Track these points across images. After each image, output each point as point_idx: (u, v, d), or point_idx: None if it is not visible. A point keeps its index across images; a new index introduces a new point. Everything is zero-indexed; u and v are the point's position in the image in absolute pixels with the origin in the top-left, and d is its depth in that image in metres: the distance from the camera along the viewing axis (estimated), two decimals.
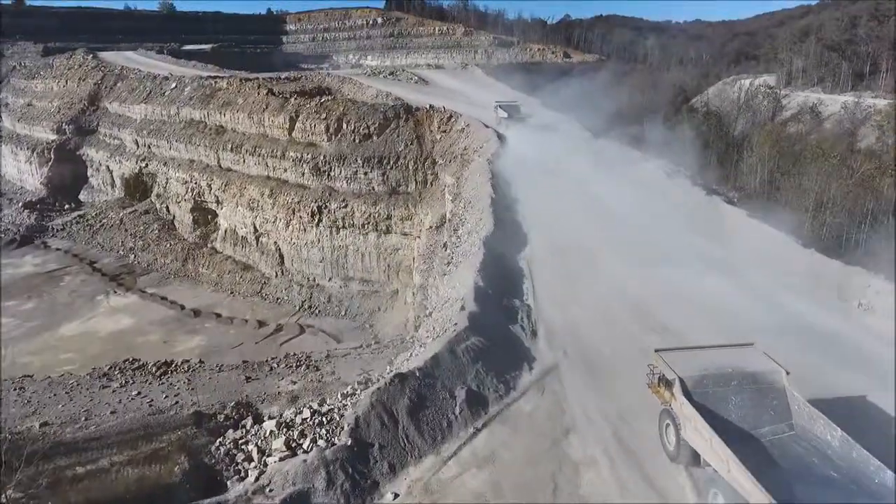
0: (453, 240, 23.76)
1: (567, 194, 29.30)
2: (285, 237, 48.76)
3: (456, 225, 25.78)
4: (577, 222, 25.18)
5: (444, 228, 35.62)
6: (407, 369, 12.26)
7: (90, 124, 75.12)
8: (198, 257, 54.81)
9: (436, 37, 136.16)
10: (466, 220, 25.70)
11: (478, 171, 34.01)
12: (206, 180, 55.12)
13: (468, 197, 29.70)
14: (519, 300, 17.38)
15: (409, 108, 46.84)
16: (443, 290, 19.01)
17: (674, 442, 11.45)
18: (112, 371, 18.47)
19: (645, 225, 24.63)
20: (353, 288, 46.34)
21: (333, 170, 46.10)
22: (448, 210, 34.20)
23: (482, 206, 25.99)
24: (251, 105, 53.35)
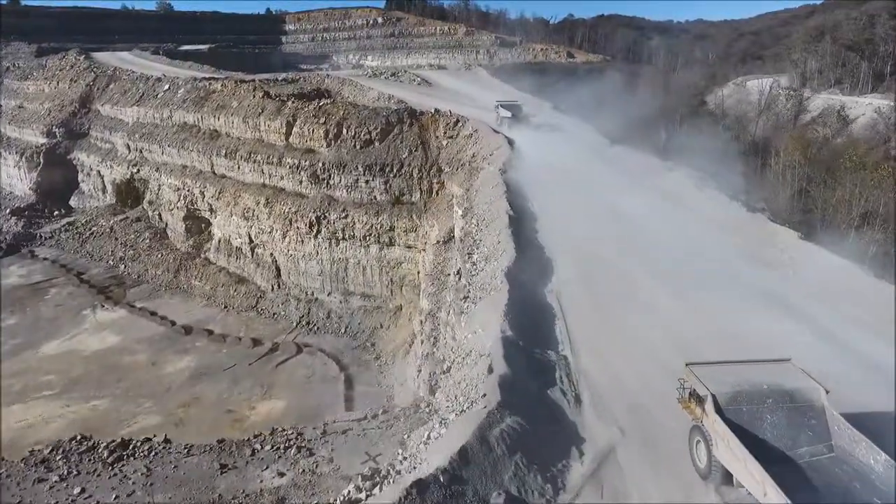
0: (468, 266, 20.64)
1: (591, 209, 26.24)
2: (282, 249, 45.66)
3: (469, 247, 22.66)
4: (606, 244, 22.13)
5: (452, 245, 32.61)
6: (426, 471, 9.21)
7: (81, 127, 72.00)
8: (190, 268, 51.69)
9: (437, 37, 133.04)
10: (481, 242, 22.61)
11: (490, 181, 30.92)
12: (199, 187, 51.99)
13: (481, 213, 26.60)
14: (554, 351, 14.31)
15: (414, 112, 43.71)
16: (461, 332, 15.95)
17: (705, 460, 10.89)
18: (54, 455, 15.07)
19: (684, 248, 21.54)
20: (353, 303, 43.25)
21: (333, 178, 42.98)
22: (458, 226, 31.06)
23: (499, 226, 22.90)
24: (246, 108, 50.21)
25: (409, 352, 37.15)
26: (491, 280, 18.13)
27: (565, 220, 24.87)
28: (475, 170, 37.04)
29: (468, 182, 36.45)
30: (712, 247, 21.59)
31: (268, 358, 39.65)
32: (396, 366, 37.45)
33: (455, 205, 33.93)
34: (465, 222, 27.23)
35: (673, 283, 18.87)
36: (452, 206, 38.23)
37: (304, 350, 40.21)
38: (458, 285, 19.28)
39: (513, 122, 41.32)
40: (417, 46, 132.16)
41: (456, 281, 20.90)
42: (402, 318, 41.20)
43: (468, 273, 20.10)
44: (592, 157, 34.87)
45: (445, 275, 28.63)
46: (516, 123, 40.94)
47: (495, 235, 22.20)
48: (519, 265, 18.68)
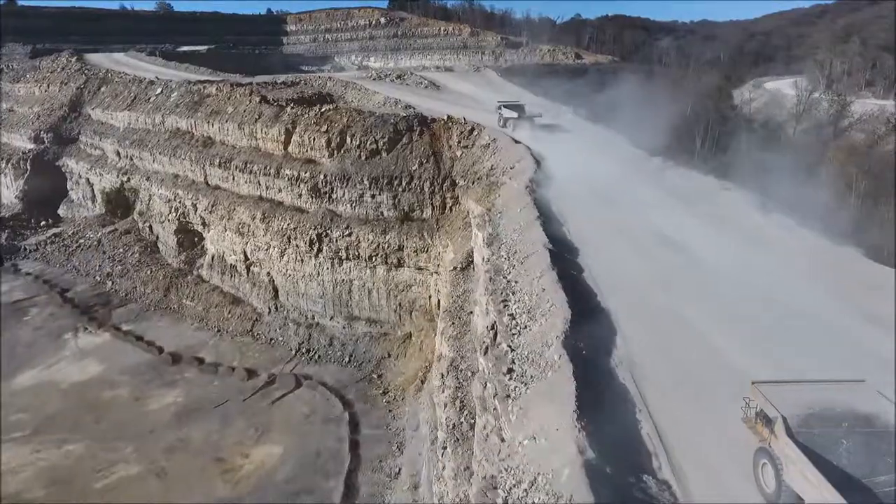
0: (505, 320, 16.31)
1: (642, 240, 21.95)
2: (279, 268, 41.32)
3: (503, 292, 18.30)
4: (672, 290, 17.82)
5: (471, 272, 28.28)
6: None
7: (71, 132, 67.74)
8: (181, 287, 47.35)
9: (441, 37, 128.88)
10: (517, 285, 18.25)
11: (516, 202, 26.57)
12: (192, 199, 47.65)
13: (510, 242, 22.24)
14: (651, 477, 10.03)
15: (424, 118, 39.35)
16: (511, 432, 11.65)
17: (773, 485, 10.12)
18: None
19: (767, 295, 17.22)
20: (358, 329, 38.91)
21: (336, 191, 38.65)
22: (480, 253, 26.71)
23: (538, 265, 18.55)
24: (242, 114, 45.84)
25: (422, 389, 32.83)
26: (542, 349, 13.81)
27: (615, 256, 20.55)
28: (495, 185, 32.73)
29: (488, 198, 32.10)
30: (802, 294, 17.22)
31: (263, 392, 35.33)
32: (407, 404, 33.14)
33: (474, 226, 29.57)
34: (490, 252, 22.85)
35: (768, 347, 14.56)
36: (469, 225, 33.97)
37: (304, 383, 35.88)
38: (498, 351, 14.97)
39: (518, 122, 38.63)
40: (421, 47, 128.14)
41: (488, 337, 16.64)
42: (411, 347, 36.89)
43: (507, 331, 15.76)
44: (630, 173, 30.50)
45: (467, 313, 24.29)
46: (522, 125, 38.36)
47: (535, 278, 17.85)
48: (577, 328, 14.33)
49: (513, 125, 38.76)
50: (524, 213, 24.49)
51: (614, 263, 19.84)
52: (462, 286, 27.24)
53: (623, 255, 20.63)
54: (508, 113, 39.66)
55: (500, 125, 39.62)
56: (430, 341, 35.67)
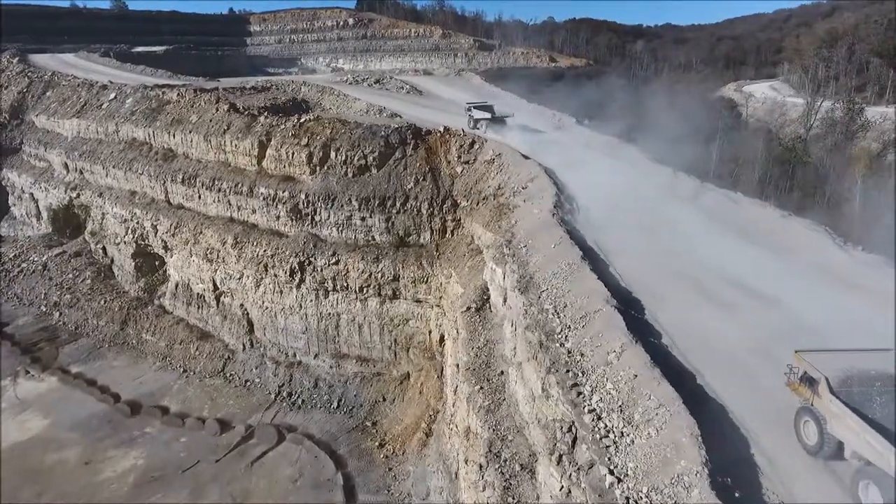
0: (587, 421, 11.89)
1: (714, 287, 17.87)
2: (255, 299, 35.99)
3: (569, 372, 13.84)
4: (764, 350, 13.74)
5: (491, 314, 23.83)
6: None
7: (12, 141, 60.50)
8: (141, 319, 41.40)
9: (412, 39, 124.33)
10: (591, 366, 13.78)
11: (545, 233, 22.23)
12: (151, 219, 41.72)
13: (557, 291, 17.79)
14: None
15: (418, 130, 34.63)
16: None
17: (815, 438, 11.36)
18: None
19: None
20: (347, 369, 33.94)
21: (319, 213, 33.61)
22: (500, 294, 22.33)
23: (613, 336, 14.19)
24: (208, 124, 40.18)
25: (427, 443, 28.19)
26: (675, 488, 9.43)
27: (692, 313, 16.39)
28: (505, 206, 28.34)
29: (498, 223, 27.70)
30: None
31: (240, 450, 30.05)
32: (410, 461, 28.40)
33: (489, 258, 25.11)
34: (525, 300, 18.40)
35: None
36: (475, 252, 29.52)
37: (287, 436, 30.73)
38: (590, 473, 10.57)
39: (490, 124, 37.21)
40: (392, 49, 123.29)
41: (563, 440, 12.23)
42: (410, 389, 32.17)
43: (594, 439, 11.34)
44: (662, 194, 26.55)
45: (497, 373, 19.78)
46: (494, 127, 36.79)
47: (612, 354, 13.49)
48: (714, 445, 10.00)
49: (484, 126, 37.10)
50: (562, 250, 20.11)
51: (697, 325, 15.64)
52: (482, 334, 22.72)
53: (701, 311, 16.45)
54: (480, 114, 38.08)
55: (470, 127, 37.59)
56: (431, 383, 31.09)
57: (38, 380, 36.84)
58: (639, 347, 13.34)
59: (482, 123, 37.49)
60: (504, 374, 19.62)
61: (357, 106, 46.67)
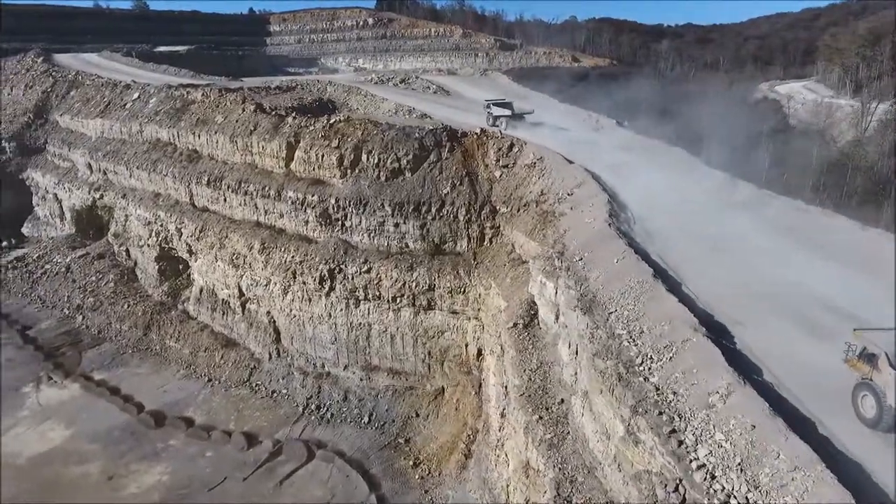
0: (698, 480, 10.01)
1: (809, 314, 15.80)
2: (282, 307, 34.46)
3: (662, 414, 11.97)
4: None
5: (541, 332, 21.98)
6: None
7: (36, 141, 59.71)
8: (164, 324, 40.10)
9: (432, 39, 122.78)
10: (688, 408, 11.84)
11: (604, 245, 20.33)
12: (175, 222, 40.40)
13: (629, 314, 15.91)
14: None
15: (454, 132, 32.83)
16: None
17: (873, 411, 11.64)
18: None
19: None
20: (378, 382, 32.26)
21: (350, 218, 31.96)
22: (551, 310, 20.49)
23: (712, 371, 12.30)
24: (234, 124, 38.74)
25: (467, 466, 26.41)
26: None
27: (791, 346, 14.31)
28: (550, 214, 26.49)
29: (543, 232, 25.89)
30: None
31: (268, 468, 28.49)
32: (447, 484, 26.63)
33: (536, 270, 23.18)
34: (590, 322, 16.54)
35: None
36: (517, 262, 27.69)
37: (317, 453, 29.11)
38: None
39: (511, 121, 36.47)
40: (411, 49, 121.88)
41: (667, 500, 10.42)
42: (445, 405, 30.41)
43: None
44: (724, 203, 24.44)
45: (558, 402, 17.95)
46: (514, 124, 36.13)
47: (714, 396, 11.59)
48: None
49: (504, 123, 36.26)
50: (627, 266, 18.19)
51: (799, 359, 13.59)
52: (534, 354, 20.87)
53: (800, 342, 14.40)
54: (499, 111, 37.31)
55: (489, 124, 36.75)
56: (468, 400, 29.30)
57: (60, 386, 35.65)
58: (749, 389, 11.41)
59: (502, 121, 36.67)
60: (565, 403, 17.77)
61: (385, 106, 44.98)
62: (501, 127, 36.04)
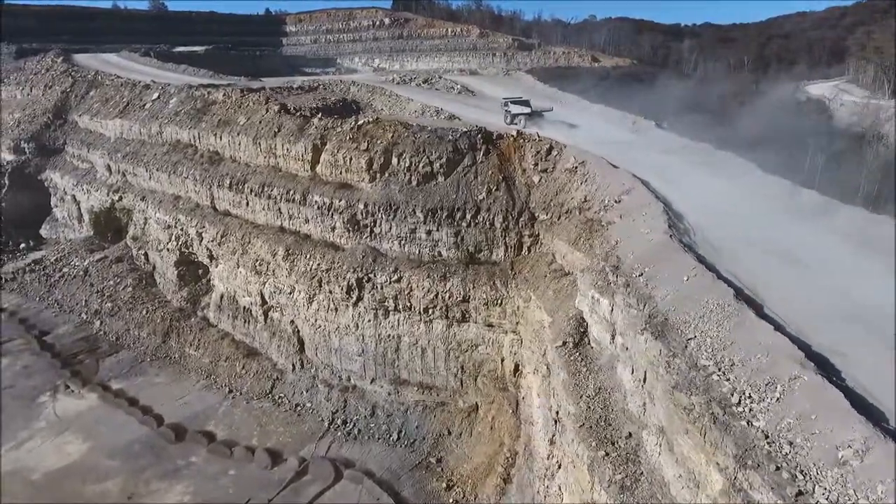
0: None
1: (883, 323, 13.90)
2: (307, 316, 32.86)
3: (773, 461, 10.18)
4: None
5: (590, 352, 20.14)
6: None
7: (55, 142, 58.75)
8: (183, 331, 38.72)
9: (448, 38, 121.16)
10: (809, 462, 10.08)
11: (667, 259, 18.48)
12: (196, 226, 38.98)
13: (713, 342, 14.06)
14: None
15: (489, 135, 31.01)
16: None
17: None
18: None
19: None
20: (407, 397, 30.55)
21: (379, 224, 30.28)
22: (606, 329, 18.67)
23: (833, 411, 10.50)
24: (257, 126, 37.24)
25: (506, 491, 24.61)
26: None
27: None
28: (596, 222, 24.65)
29: (588, 241, 24.06)
30: None
31: (294, 488, 26.88)
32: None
33: (587, 284, 21.29)
34: (665, 350, 14.72)
35: None
36: (559, 273, 25.84)
37: (345, 474, 27.44)
38: None
39: (529, 119, 36.17)
40: (428, 49, 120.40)
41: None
42: (479, 423, 28.62)
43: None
44: (787, 213, 22.47)
45: (625, 436, 16.10)
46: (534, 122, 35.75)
47: (849, 452, 9.70)
48: None
49: (523, 121, 36.10)
50: (700, 285, 16.30)
51: None
52: (589, 378, 19.00)
53: None
54: (517, 108, 37.15)
55: (507, 122, 36.82)
56: (504, 418, 27.50)
57: (77, 396, 34.33)
58: (891, 445, 9.51)
59: (520, 118, 36.41)
60: (633, 438, 15.92)
61: (411, 107, 43.29)
62: (520, 125, 35.56)
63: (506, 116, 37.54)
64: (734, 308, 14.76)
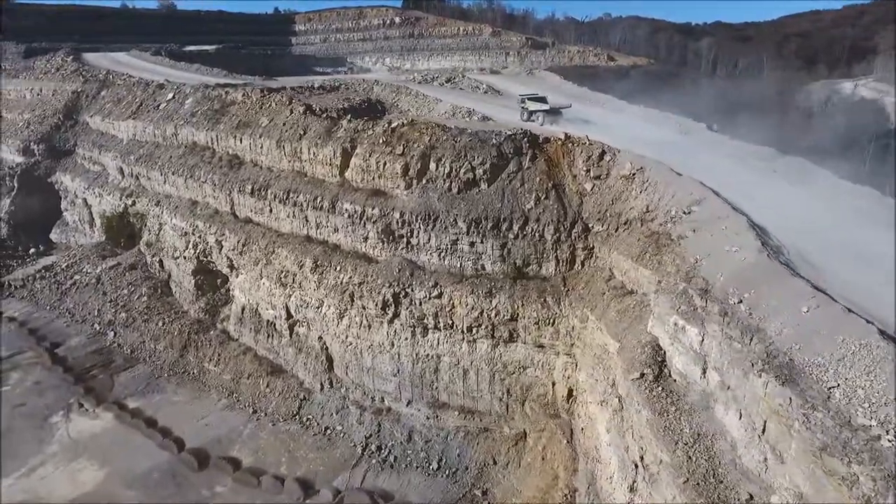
0: None
1: None
2: (337, 333, 30.40)
3: None
4: None
5: (679, 389, 17.62)
6: None
7: (66, 143, 56.43)
8: (202, 345, 36.35)
9: (460, 37, 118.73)
10: None
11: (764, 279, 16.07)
12: (216, 234, 36.58)
13: (858, 389, 11.59)
14: None
15: (535, 138, 28.44)
16: None
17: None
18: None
19: None
20: (447, 421, 28.08)
21: (417, 235, 27.79)
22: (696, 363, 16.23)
23: None
24: (281, 128, 34.77)
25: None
26: None
27: None
28: (664, 236, 22.14)
29: (657, 256, 21.53)
30: None
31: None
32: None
33: (664, 309, 18.81)
34: (790, 398, 12.31)
35: None
36: (620, 290, 23.30)
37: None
38: None
39: (549, 117, 35.74)
40: (439, 48, 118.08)
41: None
42: (528, 452, 26.12)
43: None
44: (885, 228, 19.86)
45: (743, 499, 13.63)
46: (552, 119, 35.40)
47: None
48: None
49: (541, 118, 35.72)
50: (827, 317, 13.78)
51: None
52: (683, 421, 16.47)
53: None
54: (535, 105, 36.65)
55: (524, 119, 36.39)
56: (558, 448, 25.01)
57: (92, 416, 31.98)
58: None
59: (538, 115, 36.05)
60: (751, 500, 13.41)
61: (440, 108, 40.76)
62: (538, 122, 35.21)
63: (522, 113, 37.00)
64: (884, 350, 12.23)
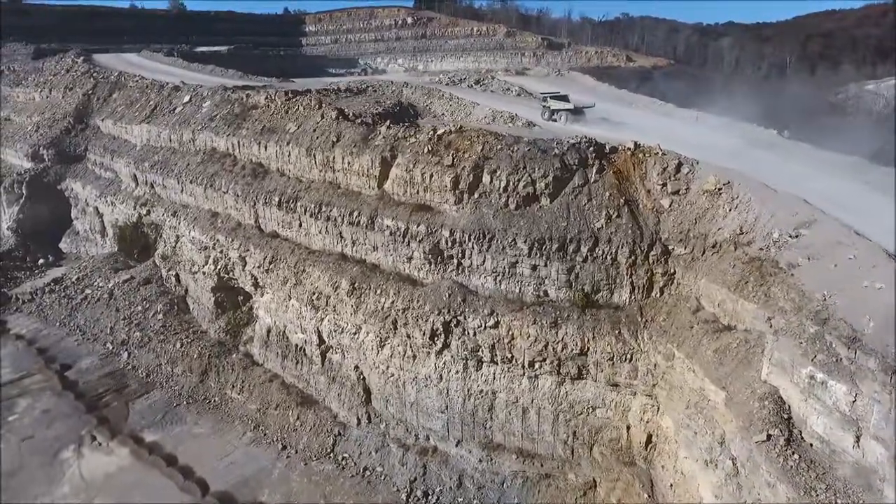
0: None
1: None
2: (376, 363, 27.11)
3: None
4: None
5: (812, 455, 14.31)
6: None
7: (76, 148, 53.43)
8: (224, 370, 33.14)
9: (474, 38, 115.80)
10: None
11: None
12: (239, 249, 33.33)
13: None
14: None
15: (601, 147, 25.07)
16: None
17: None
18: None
19: None
20: (502, 465, 24.75)
21: (470, 256, 24.48)
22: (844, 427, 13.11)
23: None
24: (311, 134, 31.50)
25: None
26: None
27: None
28: (766, 263, 18.93)
29: (762, 287, 18.32)
30: None
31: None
32: None
33: (793, 354, 15.48)
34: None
35: None
36: (712, 325, 19.95)
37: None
38: None
39: (571, 116, 35.02)
40: (452, 48, 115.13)
41: None
42: (600, 503, 22.78)
43: None
44: None
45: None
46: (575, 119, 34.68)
47: None
48: None
49: (564, 118, 35.06)
50: None
51: None
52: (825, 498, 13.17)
53: None
54: (558, 105, 35.89)
55: (545, 118, 35.83)
56: (634, 501, 21.64)
57: (106, 451, 28.78)
58: None
59: (561, 115, 35.30)
60: None
61: (477, 112, 37.41)
62: (560, 122, 34.51)
63: (543, 112, 36.16)
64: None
